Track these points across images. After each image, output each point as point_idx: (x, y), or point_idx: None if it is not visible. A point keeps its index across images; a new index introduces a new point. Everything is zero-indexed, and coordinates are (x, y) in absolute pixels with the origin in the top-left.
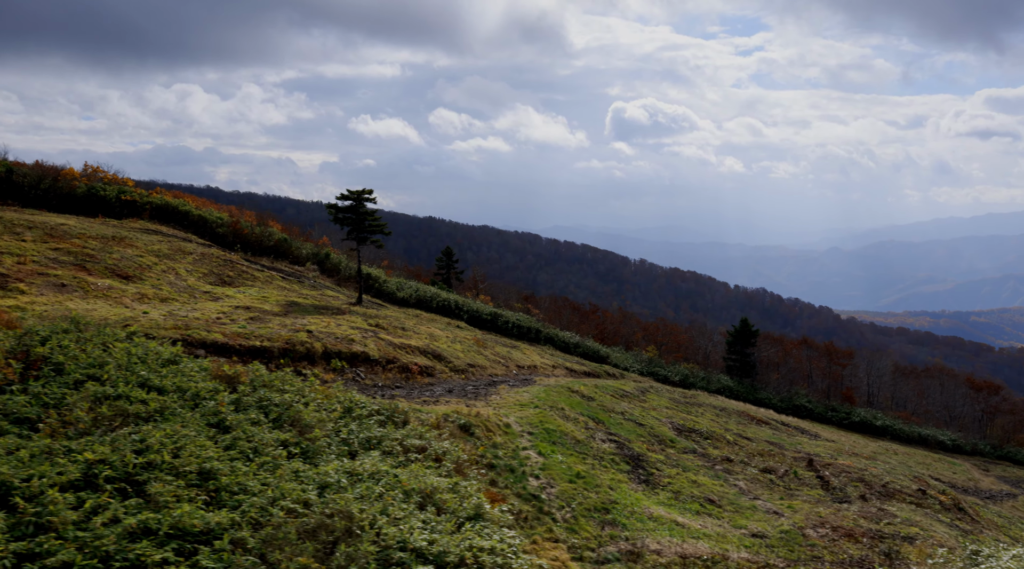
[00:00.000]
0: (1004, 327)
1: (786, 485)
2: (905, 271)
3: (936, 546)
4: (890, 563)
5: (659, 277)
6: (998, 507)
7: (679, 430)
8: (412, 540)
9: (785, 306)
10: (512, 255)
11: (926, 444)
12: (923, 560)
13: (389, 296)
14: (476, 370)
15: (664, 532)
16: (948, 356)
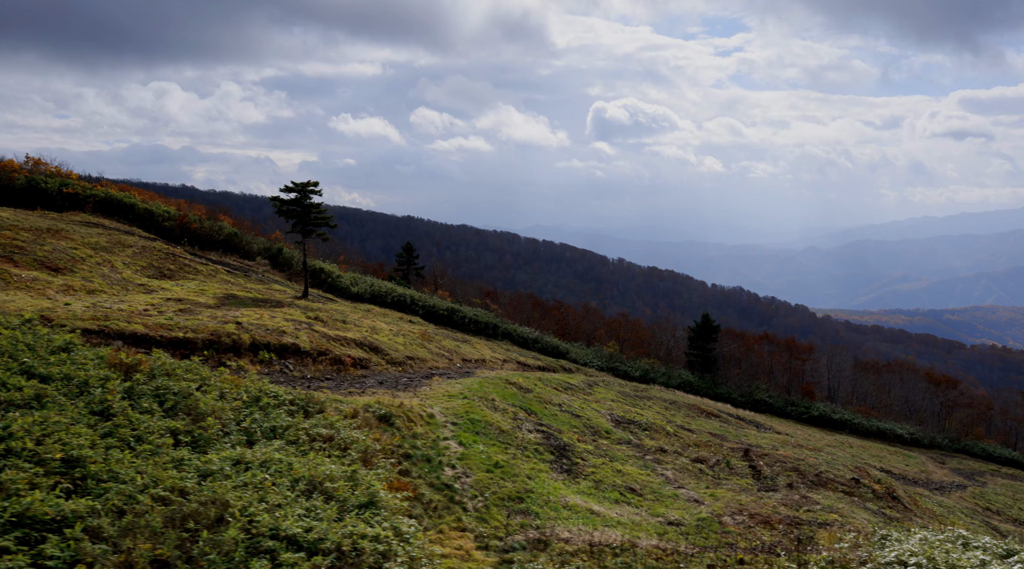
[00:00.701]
0: (977, 325)
1: (715, 474)
2: (881, 270)
3: (849, 531)
4: (800, 548)
5: (637, 276)
6: (944, 498)
7: (618, 422)
8: (285, 527)
9: (762, 304)
10: (491, 254)
11: (884, 438)
12: (832, 544)
13: (343, 291)
14: (416, 363)
15: (577, 521)
16: (921, 353)
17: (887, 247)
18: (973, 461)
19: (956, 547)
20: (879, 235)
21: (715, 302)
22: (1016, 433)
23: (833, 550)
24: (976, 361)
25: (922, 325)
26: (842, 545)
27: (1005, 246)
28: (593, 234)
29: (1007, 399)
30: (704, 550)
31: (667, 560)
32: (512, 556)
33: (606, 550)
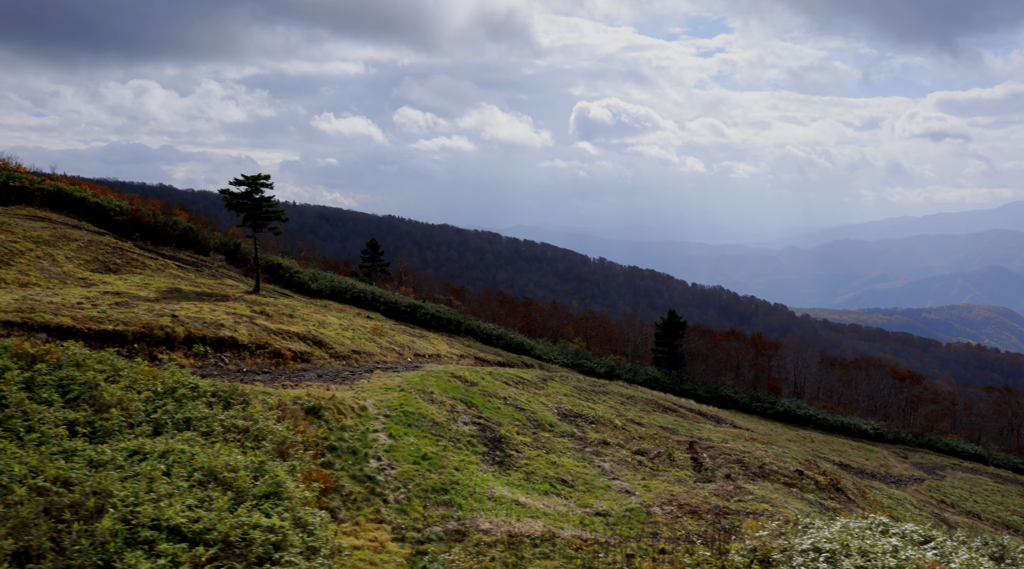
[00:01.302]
0: (953, 324)
1: (654, 466)
2: (860, 269)
3: (776, 520)
4: (724, 537)
5: (618, 275)
6: (899, 491)
7: (564, 415)
8: (168, 517)
9: (741, 303)
10: (472, 254)
11: (849, 433)
12: (755, 533)
13: (301, 286)
14: (362, 357)
15: (501, 512)
16: (898, 352)
17: (866, 247)
18: (936, 456)
19: (875, 533)
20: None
21: (696, 301)
22: (980, 428)
23: (755, 538)
24: (951, 359)
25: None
26: (761, 533)
27: (981, 246)
28: (576, 234)
29: (972, 395)
30: (627, 540)
31: (587, 550)
32: (427, 547)
33: (525, 541)
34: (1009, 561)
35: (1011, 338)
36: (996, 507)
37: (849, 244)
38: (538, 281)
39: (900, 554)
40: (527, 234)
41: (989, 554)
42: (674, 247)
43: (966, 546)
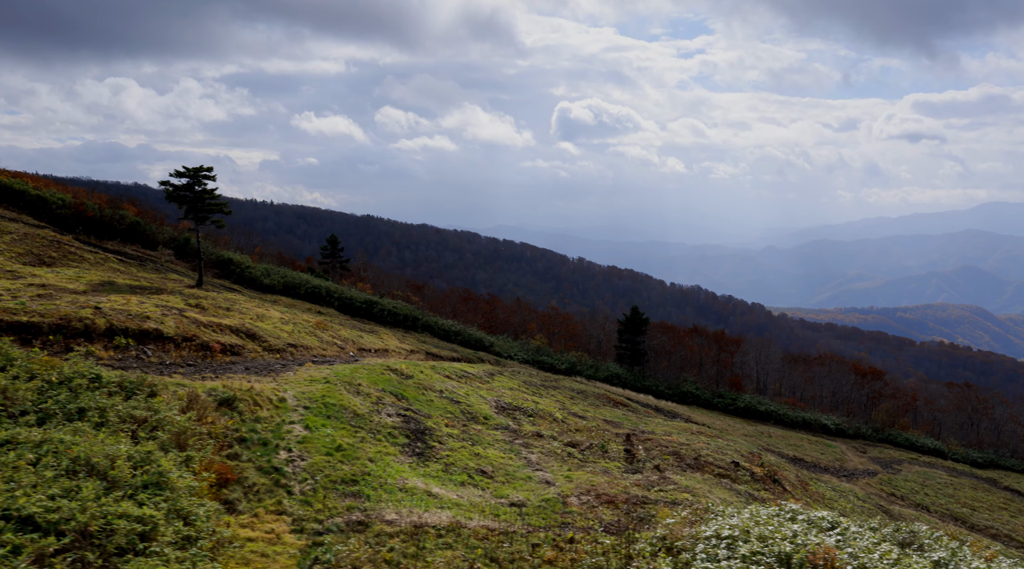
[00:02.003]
0: (928, 323)
1: (584, 458)
2: (837, 269)
3: (692, 509)
4: (638, 525)
5: (597, 275)
6: (849, 484)
7: (503, 408)
8: (20, 506)
9: (719, 303)
10: (451, 254)
11: (809, 428)
12: (677, 521)
13: (253, 281)
14: (299, 350)
15: (410, 503)
16: (873, 350)
17: (843, 247)
18: (895, 450)
19: (782, 520)
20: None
21: (674, 301)
22: (941, 423)
23: (664, 527)
24: (925, 357)
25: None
26: (669, 522)
27: (955, 246)
28: (557, 234)
29: (934, 391)
30: (537, 529)
31: (493, 539)
32: (324, 538)
33: (430, 531)
34: (915, 546)
35: (984, 336)
36: (947, 500)
37: (827, 244)
38: (517, 281)
39: (798, 539)
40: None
41: (899, 540)
42: (654, 247)
43: (873, 531)
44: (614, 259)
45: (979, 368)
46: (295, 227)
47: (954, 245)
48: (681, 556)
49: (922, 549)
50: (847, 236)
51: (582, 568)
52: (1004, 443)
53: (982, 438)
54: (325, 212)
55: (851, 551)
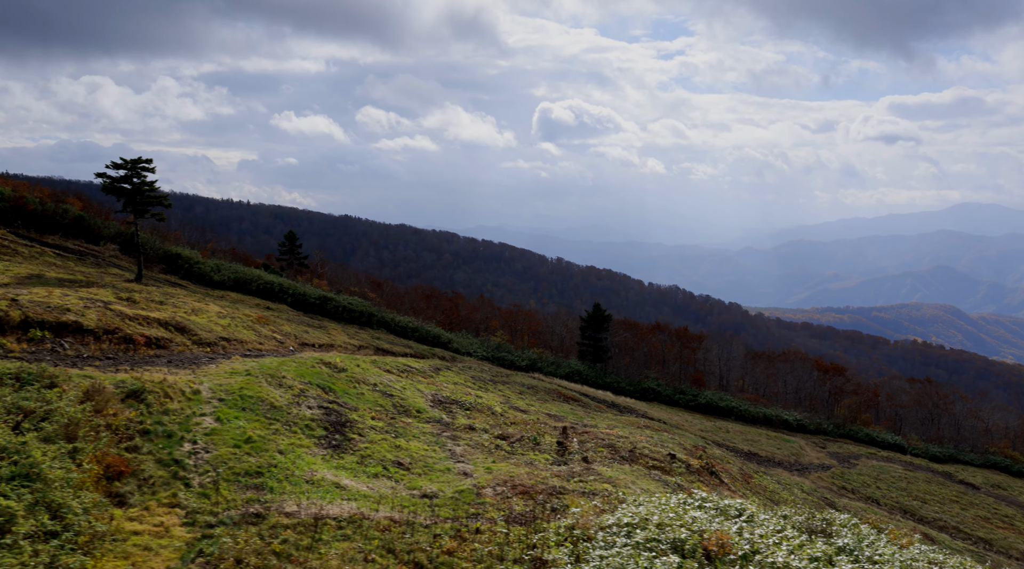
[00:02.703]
0: (903, 322)
1: (512, 450)
2: (814, 269)
3: (601, 498)
4: (550, 515)
5: (576, 275)
6: (801, 478)
7: (440, 402)
8: None
9: (696, 303)
10: (429, 254)
11: (770, 424)
12: (582, 509)
13: (202, 277)
14: (232, 344)
15: (315, 495)
16: (848, 349)
17: (820, 247)
18: (855, 445)
19: (689, 509)
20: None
21: (652, 300)
22: (902, 419)
23: (572, 516)
24: (899, 356)
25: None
26: (575, 511)
27: (929, 246)
28: (537, 235)
29: (895, 386)
30: (444, 520)
31: (395, 530)
32: (214, 531)
33: (330, 523)
34: (823, 533)
35: (957, 335)
36: (898, 493)
37: (804, 245)
38: (496, 281)
39: (695, 525)
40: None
41: (808, 528)
42: (634, 248)
43: (784, 519)
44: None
45: (951, 366)
46: (272, 227)
47: (928, 245)
48: (580, 544)
49: (829, 536)
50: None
51: (481, 557)
52: (964, 438)
53: (942, 433)
54: (303, 212)
55: (747, 536)
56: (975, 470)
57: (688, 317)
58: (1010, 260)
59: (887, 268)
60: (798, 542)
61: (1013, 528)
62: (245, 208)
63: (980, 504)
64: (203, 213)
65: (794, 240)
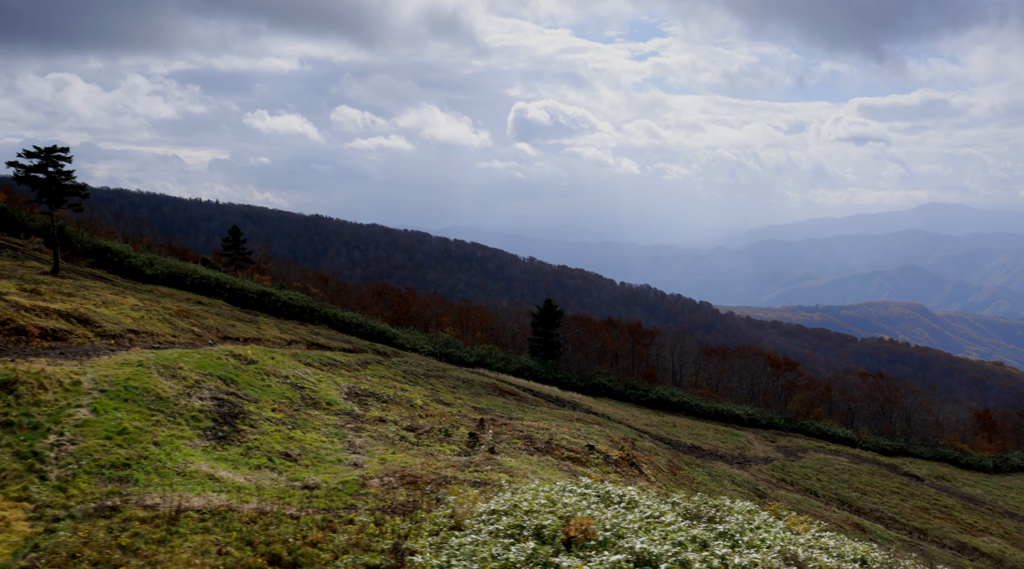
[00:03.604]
0: (871, 320)
1: (418, 441)
2: (785, 268)
3: (489, 487)
4: (433, 504)
5: (548, 275)
6: (740, 471)
7: (356, 395)
8: None
9: (668, 302)
10: (401, 254)
11: (722, 418)
12: (460, 501)
13: (133, 271)
14: (140, 336)
15: (184, 487)
16: (816, 347)
17: (791, 247)
18: (805, 439)
19: (565, 494)
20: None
21: (623, 300)
22: (854, 413)
23: (449, 505)
24: (866, 353)
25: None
26: (451, 499)
27: (897, 245)
28: (511, 235)
29: (848, 381)
30: (318, 511)
31: (260, 522)
32: (59, 525)
33: (193, 515)
34: (706, 521)
35: (923, 333)
36: (839, 485)
37: (775, 244)
38: (468, 281)
39: (563, 512)
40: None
41: (698, 514)
42: (608, 248)
43: (674, 506)
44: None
45: (916, 363)
46: (241, 227)
47: (896, 245)
48: (451, 533)
49: (713, 521)
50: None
51: (346, 548)
52: (915, 431)
53: (894, 427)
54: (272, 212)
55: (615, 521)
56: (923, 462)
57: (659, 316)
58: (975, 259)
59: (856, 267)
60: (674, 527)
61: (951, 518)
62: (214, 208)
63: (921, 495)
64: (171, 213)
65: (766, 240)
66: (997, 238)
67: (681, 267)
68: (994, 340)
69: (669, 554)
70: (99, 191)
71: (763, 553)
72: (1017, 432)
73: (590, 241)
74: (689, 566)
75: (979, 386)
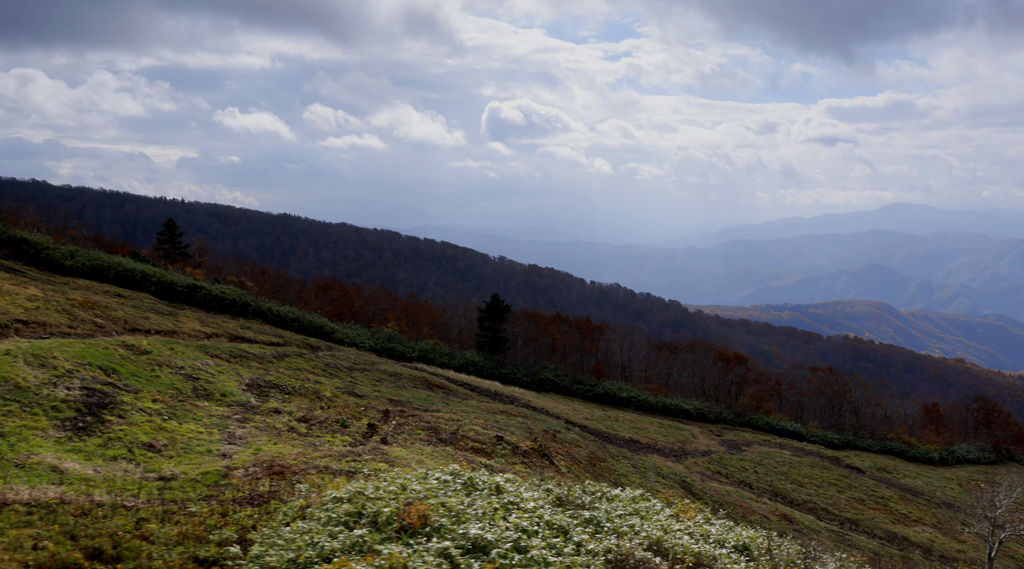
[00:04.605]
0: (837, 318)
1: (309, 432)
2: (755, 267)
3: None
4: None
5: (518, 274)
6: (675, 463)
7: (256, 386)
8: None
9: (637, 300)
10: (370, 253)
11: (670, 413)
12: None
13: (51, 263)
14: (29, 327)
15: (19, 479)
16: (783, 345)
17: (761, 246)
18: (753, 433)
19: (423, 480)
20: (754, 235)
21: (593, 299)
22: (803, 407)
23: (299, 493)
24: (831, 351)
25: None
26: (301, 488)
27: (863, 245)
28: (484, 234)
29: (799, 376)
30: (163, 502)
31: (92, 514)
32: None
33: (19, 509)
34: (574, 508)
35: (888, 331)
36: (777, 477)
37: (745, 244)
38: (438, 280)
39: (407, 497)
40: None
41: (569, 501)
42: (580, 247)
43: (548, 493)
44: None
45: (880, 360)
46: (207, 226)
47: (862, 244)
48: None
49: (582, 507)
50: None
51: (180, 540)
52: (863, 425)
53: (843, 420)
54: (240, 210)
55: (459, 506)
56: (868, 455)
57: (628, 315)
58: (938, 258)
59: (824, 266)
60: (537, 514)
61: (885, 509)
62: (179, 206)
63: (860, 487)
64: (135, 211)
65: (736, 239)
66: (959, 237)
67: (653, 266)
68: (956, 337)
69: (507, 540)
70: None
71: (626, 540)
72: (964, 425)
73: (563, 241)
74: (526, 552)
75: (940, 383)
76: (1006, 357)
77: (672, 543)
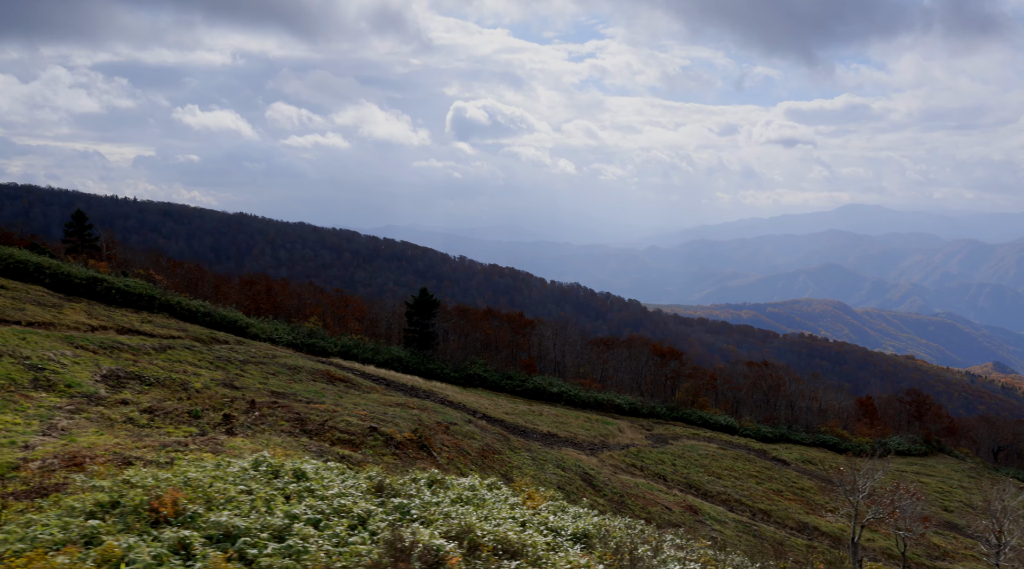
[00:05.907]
0: (795, 317)
1: (148, 423)
2: (715, 267)
3: (159, 467)
4: (68, 488)
5: (478, 273)
6: (585, 456)
7: (113, 377)
8: None
9: (598, 300)
10: (328, 253)
11: (602, 408)
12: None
13: None
14: None
15: None
16: (740, 343)
17: (721, 246)
18: (684, 427)
19: (218, 469)
20: (714, 235)
21: (554, 298)
22: (739, 401)
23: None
24: (787, 348)
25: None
26: (76, 479)
27: (820, 245)
28: (448, 234)
29: (736, 370)
30: None
31: None
32: None
33: None
34: (384, 496)
35: (844, 329)
36: (695, 470)
37: (706, 244)
38: (397, 280)
39: (162, 486)
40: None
41: (384, 488)
42: (543, 247)
43: (366, 480)
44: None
45: (835, 357)
46: (160, 225)
47: (819, 244)
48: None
49: (396, 495)
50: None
51: None
52: (798, 418)
53: (778, 414)
54: (195, 209)
55: (227, 493)
56: (799, 448)
57: (588, 314)
58: (891, 258)
59: (782, 266)
60: (337, 501)
61: (802, 500)
62: (131, 205)
63: (780, 478)
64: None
65: (697, 239)
66: (911, 238)
67: (615, 266)
68: (908, 335)
69: (271, 527)
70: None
71: (432, 527)
72: (897, 418)
73: (526, 240)
74: (285, 539)
75: (891, 378)
76: (955, 354)
77: (486, 531)
